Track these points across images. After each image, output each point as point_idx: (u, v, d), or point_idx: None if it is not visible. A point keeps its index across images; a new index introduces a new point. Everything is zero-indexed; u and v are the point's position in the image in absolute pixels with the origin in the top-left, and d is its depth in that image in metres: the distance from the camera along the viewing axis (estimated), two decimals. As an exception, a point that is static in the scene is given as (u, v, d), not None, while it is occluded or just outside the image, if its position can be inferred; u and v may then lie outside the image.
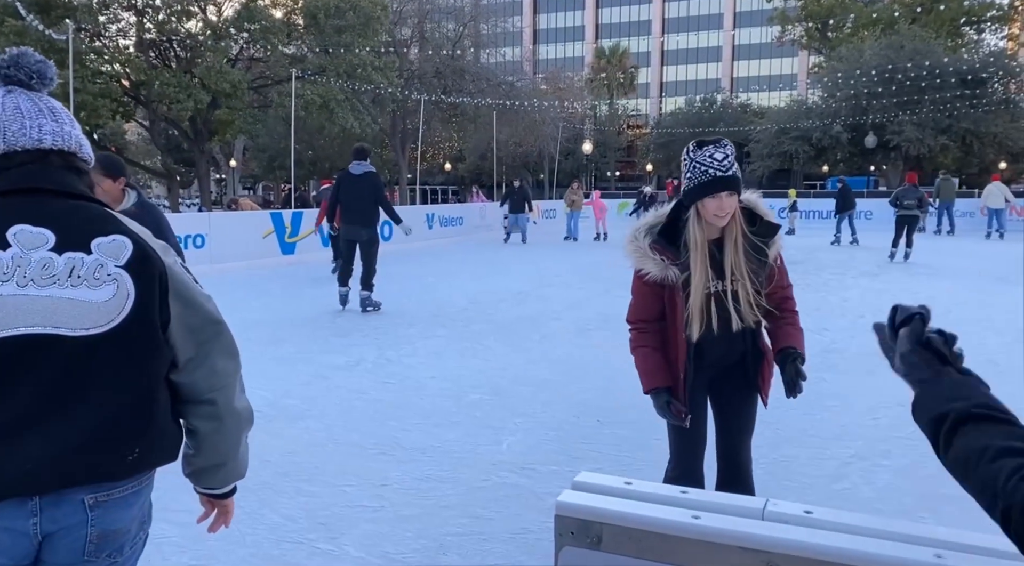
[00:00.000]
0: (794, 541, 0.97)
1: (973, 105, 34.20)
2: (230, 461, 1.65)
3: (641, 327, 2.64)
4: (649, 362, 2.59)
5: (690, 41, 73.83)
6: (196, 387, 1.55)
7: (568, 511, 1.10)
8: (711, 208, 2.39)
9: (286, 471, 3.96)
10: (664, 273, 2.47)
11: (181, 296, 1.50)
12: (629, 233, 2.59)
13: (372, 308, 8.83)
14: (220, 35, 24.04)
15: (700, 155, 2.41)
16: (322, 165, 39.81)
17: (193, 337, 1.53)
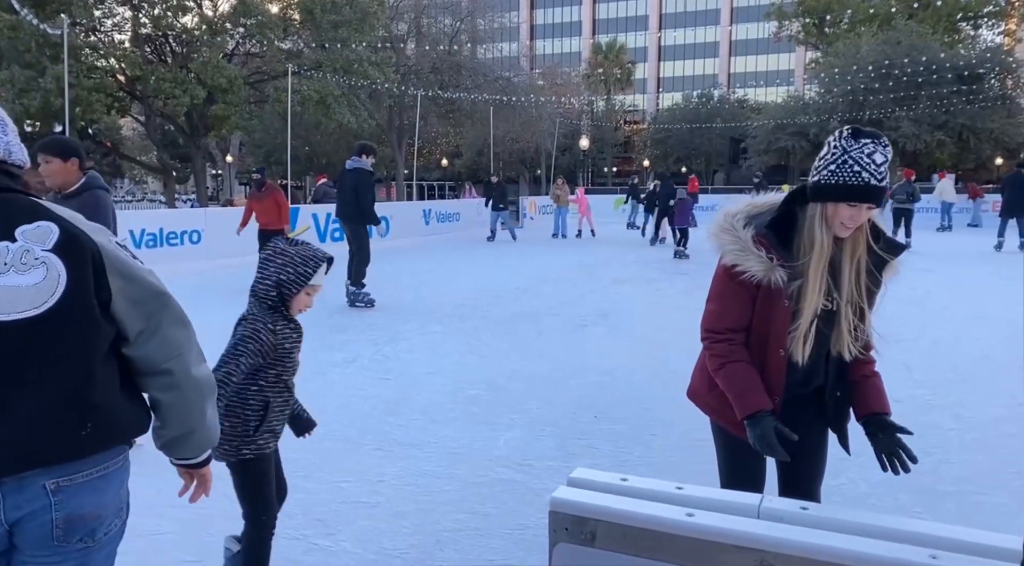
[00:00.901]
0: (788, 540, 0.97)
1: (970, 101, 34.22)
2: (198, 428, 1.67)
3: (730, 338, 2.16)
4: (748, 380, 2.11)
5: (687, 37, 73.74)
6: (151, 359, 1.57)
7: (563, 507, 1.10)
8: (844, 216, 1.98)
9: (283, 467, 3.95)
10: (770, 274, 2.04)
11: (120, 272, 1.52)
12: (720, 219, 2.17)
13: (361, 304, 8.82)
14: (216, 30, 23.95)
15: (857, 150, 1.95)
16: (319, 161, 39.75)
17: (140, 310, 1.54)
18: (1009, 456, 4.11)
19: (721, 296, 2.19)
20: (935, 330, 7.38)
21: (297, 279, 2.56)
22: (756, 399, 2.07)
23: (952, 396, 5.21)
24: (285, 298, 2.57)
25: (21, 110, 21.17)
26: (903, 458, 2.02)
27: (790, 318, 2.08)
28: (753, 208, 2.17)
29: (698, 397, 2.41)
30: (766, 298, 2.10)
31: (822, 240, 2.01)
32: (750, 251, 2.06)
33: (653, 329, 7.61)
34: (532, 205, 25.35)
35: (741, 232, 2.09)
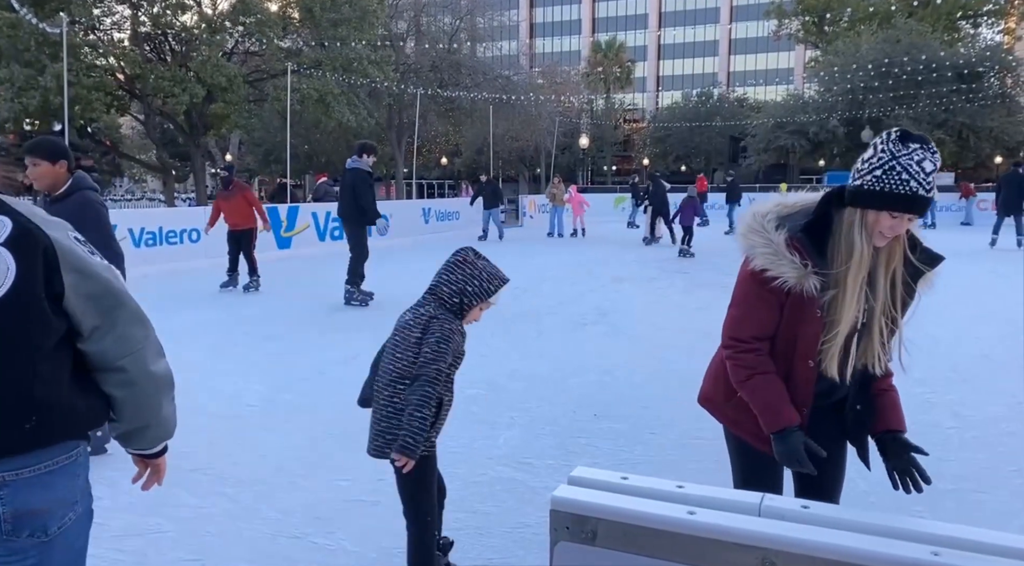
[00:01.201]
0: (790, 537, 0.96)
1: (969, 99, 34.24)
2: (153, 423, 1.70)
3: (757, 347, 2.04)
4: (777, 393, 2.00)
5: (687, 35, 73.69)
6: (106, 355, 1.57)
7: (563, 506, 1.10)
8: (885, 225, 1.85)
9: (282, 466, 3.96)
10: (803, 282, 1.90)
11: (74, 267, 1.51)
12: (749, 219, 2.02)
13: (357, 302, 8.83)
14: (215, 29, 23.92)
15: (906, 157, 1.81)
16: (318, 159, 39.70)
17: (95, 305, 1.54)
18: (1009, 454, 4.11)
19: (748, 302, 2.05)
20: (934, 328, 7.39)
21: (480, 293, 2.68)
22: (786, 414, 1.97)
23: (951, 394, 5.21)
24: (464, 307, 2.67)
25: (20, 109, 21.15)
26: (916, 478, 1.95)
27: (822, 329, 1.96)
28: (783, 208, 2.03)
29: (713, 405, 2.31)
30: (796, 306, 1.96)
31: (862, 249, 1.87)
32: (783, 255, 1.91)
33: (653, 328, 7.61)
34: (532, 204, 25.34)
35: (773, 234, 1.94)
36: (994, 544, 0.96)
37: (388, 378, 2.71)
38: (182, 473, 3.83)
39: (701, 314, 8.46)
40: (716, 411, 2.29)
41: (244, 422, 4.69)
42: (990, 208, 18.91)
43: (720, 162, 48.86)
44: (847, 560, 0.93)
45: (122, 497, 3.51)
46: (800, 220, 1.97)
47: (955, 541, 0.97)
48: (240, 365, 6.09)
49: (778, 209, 2.02)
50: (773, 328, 2.02)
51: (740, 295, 2.08)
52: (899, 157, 1.81)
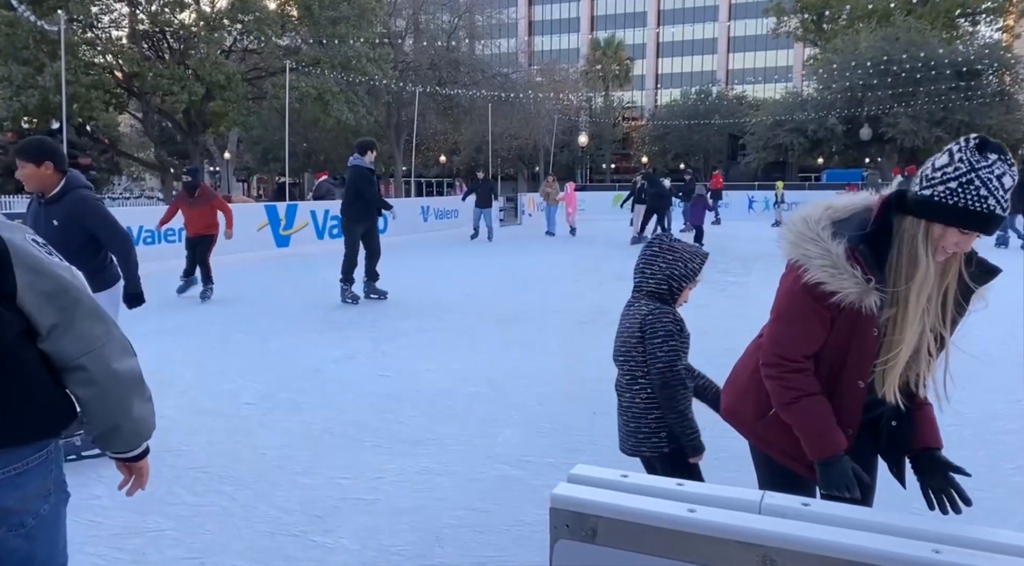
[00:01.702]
0: (790, 535, 0.96)
1: (968, 97, 34.23)
2: (125, 423, 1.67)
3: (806, 367, 1.88)
4: (825, 417, 1.86)
5: (685, 33, 73.69)
6: (65, 354, 1.57)
7: (563, 504, 1.09)
8: (951, 241, 1.69)
9: (281, 464, 3.95)
10: (864, 298, 1.74)
11: (29, 266, 1.51)
12: (800, 225, 1.84)
13: (350, 301, 8.83)
14: (214, 26, 23.90)
15: (986, 170, 1.63)
16: (316, 158, 39.68)
17: (51, 303, 1.54)
18: (1007, 452, 4.12)
19: (798, 317, 1.86)
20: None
21: (688, 274, 2.76)
22: (835, 440, 1.84)
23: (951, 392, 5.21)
24: (675, 292, 2.74)
25: (19, 107, 21.13)
26: (955, 499, 1.85)
27: (878, 348, 1.81)
28: (835, 213, 1.85)
29: (738, 420, 2.16)
30: (851, 323, 1.80)
31: (927, 265, 1.71)
32: (843, 269, 1.74)
33: (652, 325, 7.60)
34: (531, 202, 25.33)
35: (831, 244, 1.76)
36: (994, 541, 0.96)
37: (625, 381, 2.89)
38: (181, 471, 3.83)
39: (699, 312, 8.45)
40: (743, 427, 2.15)
41: (243, 420, 4.69)
42: None
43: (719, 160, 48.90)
44: (847, 558, 0.93)
45: (120, 496, 3.49)
46: (854, 227, 1.79)
47: (955, 538, 0.97)
48: (238, 363, 6.09)
49: (830, 214, 1.85)
50: (820, 345, 1.87)
51: (789, 309, 1.89)
52: (978, 169, 1.63)
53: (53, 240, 3.85)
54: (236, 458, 4.03)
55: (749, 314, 8.51)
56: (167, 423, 4.57)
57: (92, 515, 3.32)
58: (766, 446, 2.06)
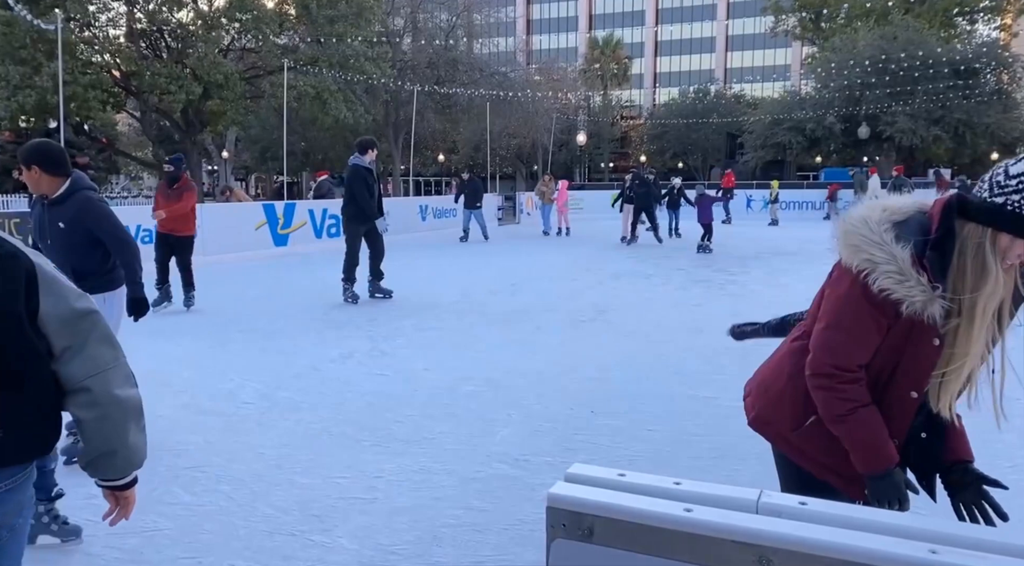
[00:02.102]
0: (787, 535, 0.96)
1: (966, 96, 34.27)
2: (120, 449, 1.69)
3: (861, 377, 1.78)
4: (879, 428, 1.77)
5: (684, 32, 73.69)
6: (73, 375, 1.60)
7: (560, 503, 1.09)
8: (1016, 252, 1.62)
9: (279, 463, 3.95)
10: (928, 307, 1.66)
11: (51, 290, 1.57)
12: (860, 227, 1.73)
13: (350, 300, 8.83)
14: (211, 25, 23.87)
15: None
16: (315, 156, 39.63)
17: (68, 327, 1.58)
18: (1004, 451, 4.12)
19: (857, 325, 1.75)
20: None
21: None
22: (889, 452, 1.75)
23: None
24: None
25: (16, 107, 21.11)
26: (988, 514, 1.79)
27: (938, 359, 1.72)
28: (894, 214, 1.75)
29: (772, 431, 2.03)
30: (909, 331, 1.71)
31: (996, 274, 1.62)
32: (910, 276, 1.64)
33: (650, 324, 7.61)
34: (529, 201, 25.33)
35: (896, 249, 1.66)
36: (992, 541, 0.96)
37: None
38: (179, 471, 3.82)
39: (697, 311, 8.47)
40: (777, 438, 2.02)
41: (241, 420, 4.69)
42: None
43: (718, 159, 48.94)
44: (844, 557, 0.92)
45: (118, 495, 3.51)
46: (913, 231, 1.70)
47: (953, 538, 0.97)
48: (236, 363, 6.08)
49: (889, 215, 1.74)
50: (871, 355, 1.77)
51: (847, 315, 1.76)
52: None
53: (59, 242, 3.86)
54: (234, 457, 4.03)
55: (747, 313, 8.51)
56: (165, 423, 4.57)
57: (90, 514, 3.31)
58: (801, 457, 1.95)
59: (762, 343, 7.04)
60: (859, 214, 1.76)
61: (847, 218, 1.78)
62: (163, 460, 3.94)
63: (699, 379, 5.58)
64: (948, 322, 1.68)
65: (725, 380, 5.53)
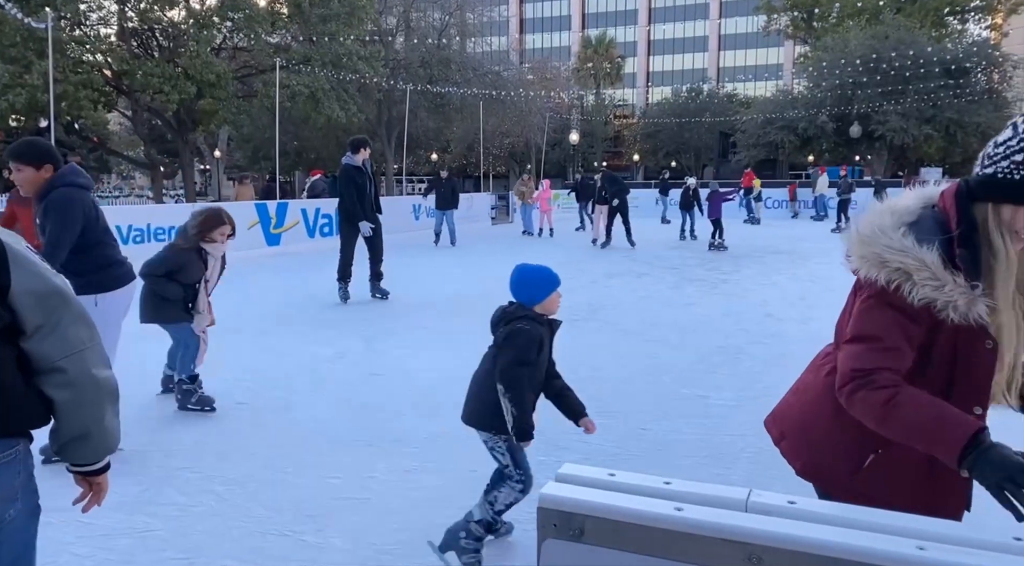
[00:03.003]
0: (775, 533, 0.97)
1: (957, 95, 34.44)
2: (95, 432, 1.66)
3: (886, 368, 1.57)
4: (933, 403, 1.52)
5: (676, 31, 73.83)
6: (47, 355, 1.57)
7: (550, 503, 1.10)
8: (1021, 222, 1.51)
9: (272, 463, 3.94)
10: (972, 308, 1.52)
11: (23, 267, 1.54)
12: (882, 238, 1.59)
13: (341, 299, 8.81)
14: (203, 24, 23.78)
15: None
16: (308, 156, 39.54)
17: (40, 304, 1.56)
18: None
19: (888, 335, 1.57)
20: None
21: None
22: (961, 419, 1.48)
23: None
24: None
25: (7, 106, 20.98)
26: None
27: (996, 362, 1.58)
28: (902, 216, 1.62)
29: (828, 481, 1.80)
30: (955, 339, 1.57)
31: (1007, 251, 1.51)
32: (947, 279, 1.51)
33: (643, 324, 7.62)
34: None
35: (924, 253, 1.53)
36: (979, 538, 0.96)
37: None
38: (171, 471, 3.81)
39: (691, 310, 8.49)
40: (835, 487, 1.77)
41: (233, 420, 4.68)
42: None
43: (710, 158, 49.05)
44: (833, 555, 0.93)
45: (109, 496, 3.48)
46: (930, 230, 1.57)
47: (940, 535, 0.98)
48: (229, 362, 6.06)
49: (900, 218, 1.61)
50: (907, 366, 1.58)
51: (872, 327, 1.60)
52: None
53: (46, 240, 3.76)
54: (226, 457, 4.02)
55: (740, 312, 8.55)
56: (157, 423, 4.56)
57: (80, 515, 3.30)
58: (871, 503, 1.50)
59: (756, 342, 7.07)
60: (869, 223, 1.64)
61: (858, 230, 1.65)
62: (155, 460, 3.93)
63: (692, 378, 5.59)
64: (994, 319, 1.54)
65: (718, 379, 5.55)
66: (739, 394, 5.15)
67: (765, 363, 5.94)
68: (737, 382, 5.45)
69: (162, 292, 4.71)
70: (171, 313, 4.78)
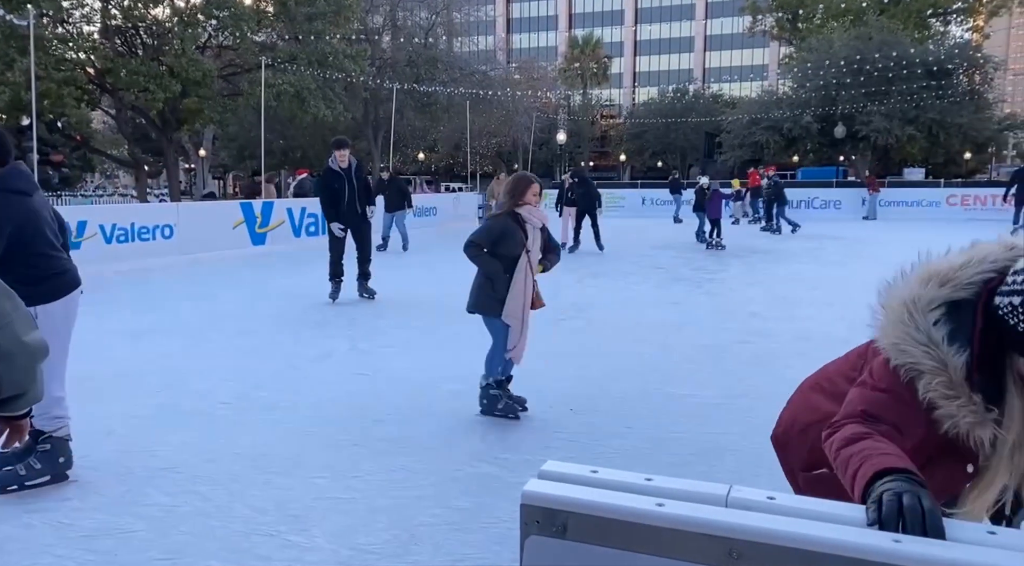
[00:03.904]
0: (755, 527, 0.98)
1: (939, 96, 34.80)
2: (30, 390, 1.74)
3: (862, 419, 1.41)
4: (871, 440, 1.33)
5: (662, 31, 74.12)
6: None
7: (533, 500, 1.10)
8: None
9: (256, 463, 3.93)
10: (976, 431, 1.32)
11: None
12: (902, 307, 1.37)
13: (330, 299, 8.79)
14: (188, 22, 23.59)
15: None
16: (293, 155, 39.36)
17: None
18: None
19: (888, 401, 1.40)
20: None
21: None
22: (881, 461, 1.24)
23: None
24: None
25: (-12, 103, 20.73)
26: None
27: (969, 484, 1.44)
28: (948, 291, 1.34)
29: (786, 461, 1.81)
30: (943, 446, 1.39)
31: (1011, 403, 1.29)
32: (963, 393, 1.29)
33: (629, 323, 7.65)
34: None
35: (948, 354, 1.29)
36: (951, 532, 0.98)
37: None
38: (154, 472, 3.79)
39: (677, 309, 8.52)
40: (785, 468, 1.80)
41: (217, 420, 4.65)
42: (1000, 203, 19.35)
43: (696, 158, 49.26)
44: (811, 548, 0.94)
45: (91, 497, 3.47)
46: (971, 322, 1.30)
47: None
48: (213, 362, 6.03)
49: (943, 294, 1.33)
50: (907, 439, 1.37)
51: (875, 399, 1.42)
52: None
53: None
54: (211, 458, 4.00)
55: (726, 310, 8.60)
56: (140, 423, 4.53)
57: (62, 516, 3.28)
58: None
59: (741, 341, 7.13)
60: (904, 294, 1.37)
61: (890, 298, 1.41)
62: (138, 461, 3.91)
63: (678, 377, 5.62)
64: (993, 453, 1.34)
65: (703, 378, 5.57)
66: (724, 393, 5.18)
67: (750, 362, 5.97)
68: (722, 381, 5.48)
69: (485, 270, 4.43)
70: (489, 303, 4.51)
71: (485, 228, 4.61)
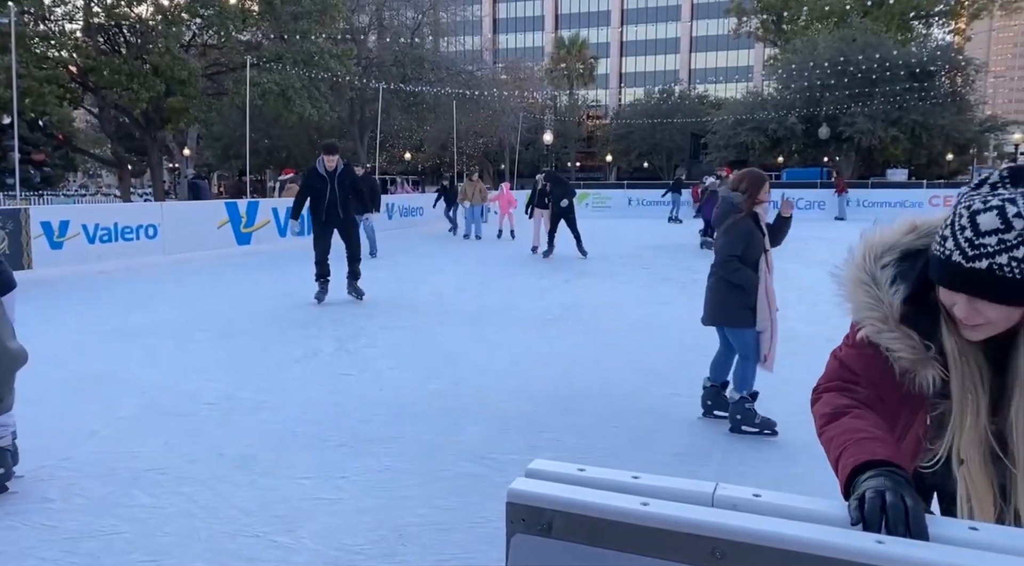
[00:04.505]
0: (740, 527, 0.98)
1: (922, 98, 35.15)
2: (7, 396, 1.78)
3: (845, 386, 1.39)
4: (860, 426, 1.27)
5: (648, 32, 74.38)
6: None
7: (519, 499, 1.10)
8: (945, 304, 1.22)
9: (242, 464, 3.91)
10: (921, 371, 1.29)
11: None
12: (858, 259, 1.35)
13: (316, 300, 8.75)
14: (172, 20, 23.42)
15: (964, 203, 1.19)
16: (278, 154, 39.18)
17: None
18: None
19: (853, 356, 1.39)
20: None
21: None
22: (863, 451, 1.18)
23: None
24: None
25: (-32, 101, 20.48)
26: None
27: (924, 439, 1.37)
28: (915, 238, 1.33)
29: None
30: (909, 407, 1.35)
31: (952, 346, 1.25)
32: (895, 327, 1.29)
33: (616, 322, 7.67)
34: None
35: (887, 293, 1.30)
36: (935, 532, 0.99)
37: None
38: (138, 473, 3.76)
39: (663, 309, 8.56)
40: None
41: (202, 420, 4.62)
42: None
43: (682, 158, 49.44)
44: (795, 549, 0.95)
45: (75, 498, 3.44)
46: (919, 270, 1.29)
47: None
48: (198, 363, 6.00)
49: (905, 240, 1.33)
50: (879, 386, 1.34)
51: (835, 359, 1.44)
52: (960, 204, 1.19)
53: None
54: (196, 459, 3.97)
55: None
56: (125, 424, 4.49)
57: (44, 519, 3.25)
58: None
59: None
60: (867, 241, 1.37)
61: (855, 247, 1.38)
62: (122, 462, 3.88)
63: (664, 377, 5.64)
64: (942, 404, 1.30)
65: (690, 377, 5.59)
66: (709, 392, 5.20)
67: (735, 361, 6.01)
68: (707, 380, 5.50)
69: (745, 282, 4.10)
70: (740, 314, 4.19)
71: (735, 237, 4.23)
